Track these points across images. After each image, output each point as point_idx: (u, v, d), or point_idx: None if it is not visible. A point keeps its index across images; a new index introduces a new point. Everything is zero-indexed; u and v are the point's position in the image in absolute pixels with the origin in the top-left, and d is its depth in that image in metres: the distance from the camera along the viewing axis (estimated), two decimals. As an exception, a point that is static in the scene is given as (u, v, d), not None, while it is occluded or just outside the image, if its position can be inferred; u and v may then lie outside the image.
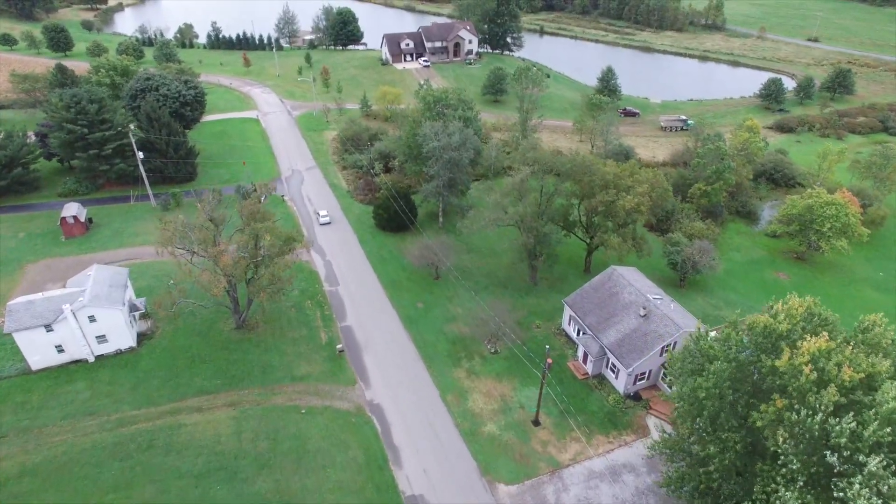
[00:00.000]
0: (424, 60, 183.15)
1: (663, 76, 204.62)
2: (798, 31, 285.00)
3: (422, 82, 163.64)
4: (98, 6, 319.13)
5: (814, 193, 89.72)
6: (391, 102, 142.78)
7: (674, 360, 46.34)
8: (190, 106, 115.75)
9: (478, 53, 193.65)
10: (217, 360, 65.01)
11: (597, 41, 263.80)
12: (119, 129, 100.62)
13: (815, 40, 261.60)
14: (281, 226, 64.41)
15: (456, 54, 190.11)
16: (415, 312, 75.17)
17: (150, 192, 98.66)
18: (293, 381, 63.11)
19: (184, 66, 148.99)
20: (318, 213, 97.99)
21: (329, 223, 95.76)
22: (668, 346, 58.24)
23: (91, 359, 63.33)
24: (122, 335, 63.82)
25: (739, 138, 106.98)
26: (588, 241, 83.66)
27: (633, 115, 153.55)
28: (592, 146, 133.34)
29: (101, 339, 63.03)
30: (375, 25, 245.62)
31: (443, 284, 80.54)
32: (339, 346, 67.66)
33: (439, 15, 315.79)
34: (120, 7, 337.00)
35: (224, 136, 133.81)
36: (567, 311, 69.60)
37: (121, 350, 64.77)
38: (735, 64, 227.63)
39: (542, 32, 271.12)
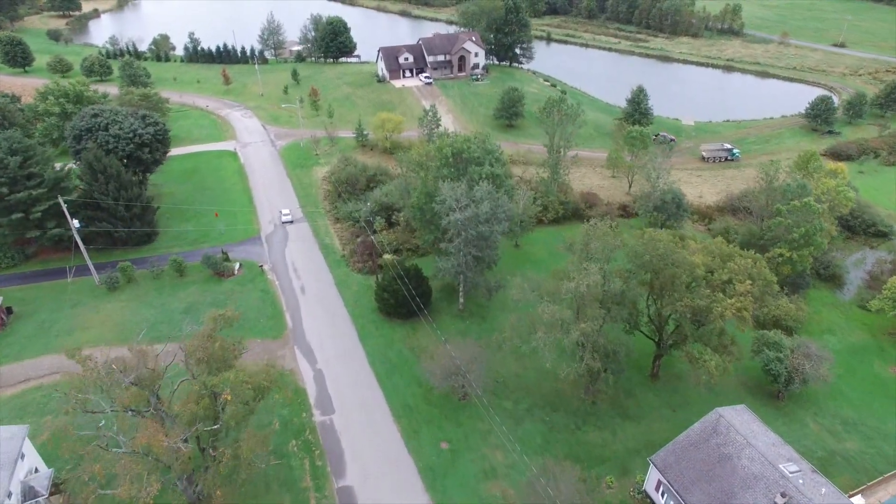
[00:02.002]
0: (426, 77, 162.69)
1: (688, 90, 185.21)
2: (819, 35, 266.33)
3: (426, 107, 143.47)
4: (71, 13, 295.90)
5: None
6: (391, 131, 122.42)
7: None
8: (149, 147, 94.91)
9: (485, 67, 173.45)
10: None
11: (609, 49, 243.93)
12: (56, 183, 79.96)
13: (842, 45, 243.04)
14: (246, 373, 43.98)
15: (461, 69, 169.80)
16: (438, 459, 55.04)
17: (91, 267, 77.78)
18: None
19: (149, 91, 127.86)
20: (303, 288, 78.21)
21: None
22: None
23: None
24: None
25: (823, 186, 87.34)
26: (657, 340, 63.94)
27: (669, 141, 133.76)
28: (630, 185, 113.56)
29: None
30: (368, 34, 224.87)
31: (473, 409, 60.39)
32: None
33: (437, 20, 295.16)
34: (95, 14, 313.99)
35: (195, 175, 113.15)
36: (654, 474, 49.67)
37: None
38: (763, 75, 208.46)
39: (549, 40, 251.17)
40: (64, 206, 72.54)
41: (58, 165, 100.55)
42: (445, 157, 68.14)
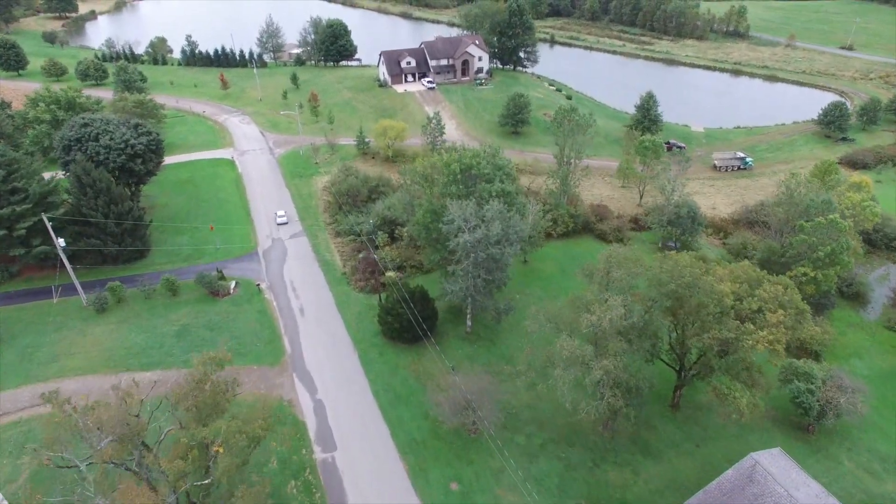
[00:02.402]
0: (429, 81, 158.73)
1: (696, 95, 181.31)
2: (826, 37, 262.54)
3: (429, 113, 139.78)
4: (67, 14, 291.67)
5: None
6: (393, 139, 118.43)
7: None
8: (142, 157, 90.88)
9: (488, 72, 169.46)
10: None
11: (614, 52, 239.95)
12: (41, 198, 75.98)
13: (850, 48, 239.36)
14: (240, 421, 39.99)
15: (464, 73, 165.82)
16: (447, 501, 51.05)
17: (78, 288, 73.70)
18: None
19: (143, 98, 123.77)
20: (302, 309, 74.35)
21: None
22: None
23: None
24: None
25: (847, 201, 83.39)
26: (678, 369, 60.03)
27: (679, 149, 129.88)
28: (641, 196, 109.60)
29: None
30: (368, 36, 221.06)
31: (484, 445, 56.39)
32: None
33: (438, 22, 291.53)
34: (92, 15, 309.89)
35: (190, 186, 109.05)
36: (686, 525, 45.71)
37: None
38: (772, 79, 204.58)
39: (552, 42, 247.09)
40: (48, 225, 68.49)
41: (47, 175, 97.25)
42: (453, 174, 64.08)
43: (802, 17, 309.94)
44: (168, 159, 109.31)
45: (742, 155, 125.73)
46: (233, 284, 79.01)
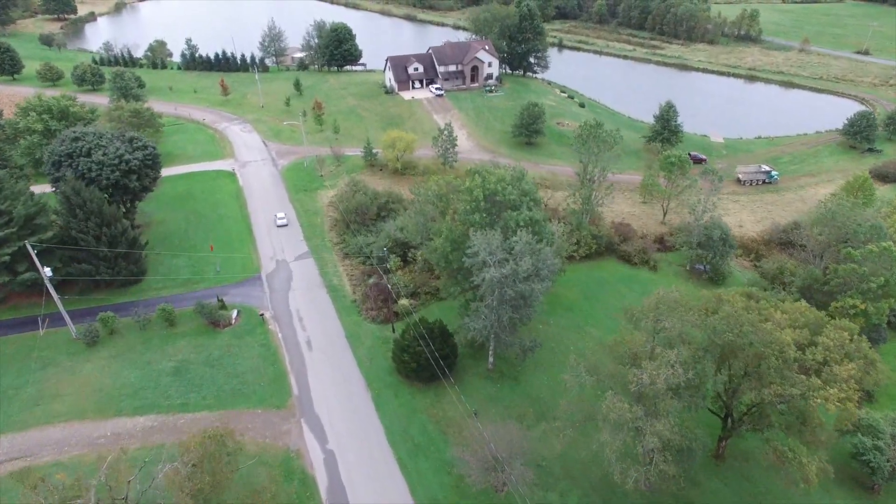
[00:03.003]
0: (437, 88, 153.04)
1: (712, 103, 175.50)
2: (839, 41, 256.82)
3: (438, 121, 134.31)
4: (66, 16, 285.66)
5: None
6: (402, 151, 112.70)
7: None
8: (137, 173, 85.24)
9: (498, 78, 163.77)
10: None
11: (624, 57, 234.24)
12: (27, 220, 70.34)
13: (866, 53, 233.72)
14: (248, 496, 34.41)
15: (473, 80, 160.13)
16: (476, 579, 45.43)
17: (67, 320, 67.97)
18: None
19: (140, 106, 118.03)
20: (309, 342, 68.81)
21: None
22: None
23: None
24: None
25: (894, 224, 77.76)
26: (724, 416, 54.45)
27: (700, 161, 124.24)
28: (665, 213, 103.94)
29: None
30: (372, 39, 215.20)
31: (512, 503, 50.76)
32: None
33: (443, 25, 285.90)
34: (92, 17, 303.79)
35: (189, 201, 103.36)
36: None
37: None
38: (788, 85, 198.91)
39: (560, 46, 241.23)
40: (33, 253, 62.76)
41: (38, 190, 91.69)
42: (476, 201, 58.36)
43: (813, 21, 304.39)
44: (165, 171, 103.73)
45: (767, 168, 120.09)
46: (234, 314, 73.32)
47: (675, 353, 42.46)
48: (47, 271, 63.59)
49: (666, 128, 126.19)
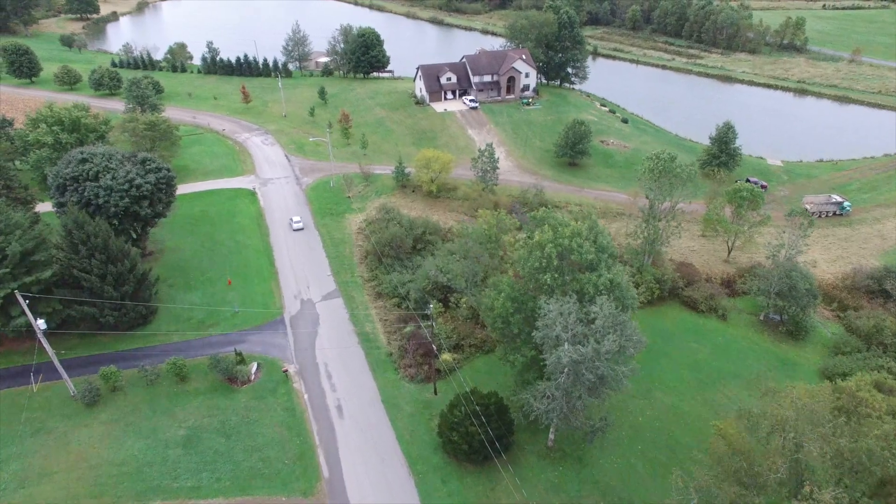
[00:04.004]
0: (471, 100, 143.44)
1: (761, 119, 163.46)
2: (890, 51, 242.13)
3: (474, 137, 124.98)
4: (89, 16, 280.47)
5: None
6: (438, 172, 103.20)
7: None
8: (149, 199, 76.71)
9: (535, 90, 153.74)
10: None
11: (663, 66, 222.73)
12: (24, 257, 61.91)
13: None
14: None
15: (509, 91, 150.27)
16: None
17: (64, 376, 59.26)
18: None
19: (156, 118, 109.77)
20: (340, 407, 59.49)
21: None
22: None
23: None
24: None
25: None
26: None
27: (762, 189, 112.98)
28: (730, 251, 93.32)
29: None
30: (396, 43, 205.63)
31: None
32: None
33: (471, 29, 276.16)
34: (114, 17, 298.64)
35: (205, 224, 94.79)
36: None
37: None
38: (843, 100, 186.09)
39: (595, 54, 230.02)
40: (24, 304, 54.04)
41: (45, 207, 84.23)
42: (547, 258, 48.58)
43: (859, 28, 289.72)
44: (181, 188, 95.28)
45: (839, 198, 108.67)
46: (254, 368, 64.26)
47: (830, 494, 32.26)
48: (41, 323, 54.91)
49: (724, 151, 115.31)
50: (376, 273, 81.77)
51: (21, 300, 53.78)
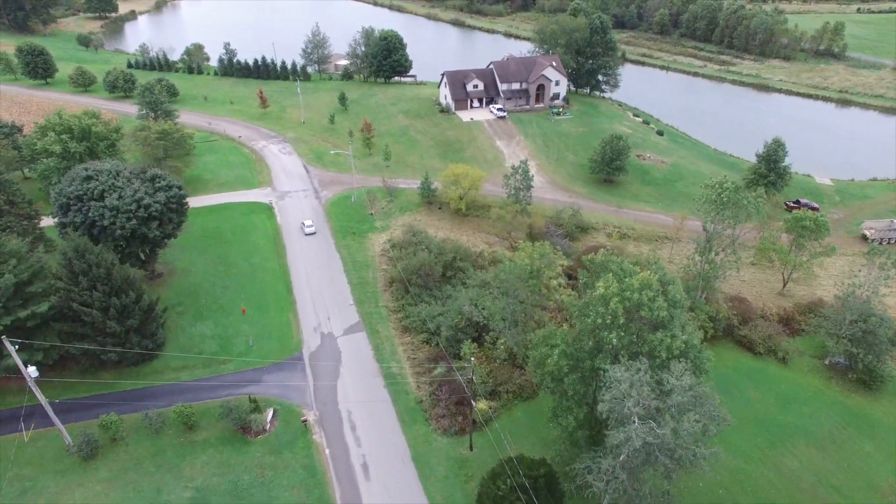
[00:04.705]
0: (499, 109, 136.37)
1: (804, 133, 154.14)
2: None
3: (505, 152, 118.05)
4: (107, 15, 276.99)
5: None
6: (467, 189, 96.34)
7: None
8: (159, 219, 70.65)
9: (565, 98, 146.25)
10: None
11: (694, 73, 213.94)
12: (17, 289, 56.02)
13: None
14: None
15: (538, 99, 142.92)
16: None
17: (59, 426, 53.18)
18: None
19: (169, 126, 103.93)
20: (365, 465, 52.68)
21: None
22: None
23: None
24: None
25: None
26: None
27: (812, 211, 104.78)
28: (785, 283, 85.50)
29: None
30: (416, 45, 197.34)
31: None
32: None
33: (494, 32, 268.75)
34: (132, 15, 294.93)
35: (218, 243, 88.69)
36: None
37: None
38: (889, 111, 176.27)
39: (623, 60, 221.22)
40: (13, 351, 47.91)
41: (49, 222, 78.83)
42: (612, 314, 41.52)
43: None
44: (194, 200, 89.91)
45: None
46: (269, 416, 57.85)
47: None
48: (32, 370, 48.81)
49: (772, 170, 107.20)
50: (403, 304, 75.04)
51: (9, 346, 47.62)
